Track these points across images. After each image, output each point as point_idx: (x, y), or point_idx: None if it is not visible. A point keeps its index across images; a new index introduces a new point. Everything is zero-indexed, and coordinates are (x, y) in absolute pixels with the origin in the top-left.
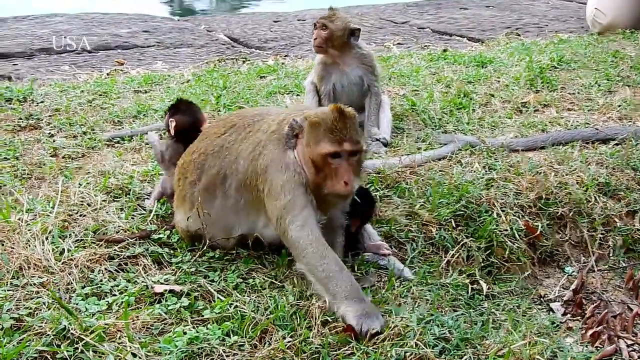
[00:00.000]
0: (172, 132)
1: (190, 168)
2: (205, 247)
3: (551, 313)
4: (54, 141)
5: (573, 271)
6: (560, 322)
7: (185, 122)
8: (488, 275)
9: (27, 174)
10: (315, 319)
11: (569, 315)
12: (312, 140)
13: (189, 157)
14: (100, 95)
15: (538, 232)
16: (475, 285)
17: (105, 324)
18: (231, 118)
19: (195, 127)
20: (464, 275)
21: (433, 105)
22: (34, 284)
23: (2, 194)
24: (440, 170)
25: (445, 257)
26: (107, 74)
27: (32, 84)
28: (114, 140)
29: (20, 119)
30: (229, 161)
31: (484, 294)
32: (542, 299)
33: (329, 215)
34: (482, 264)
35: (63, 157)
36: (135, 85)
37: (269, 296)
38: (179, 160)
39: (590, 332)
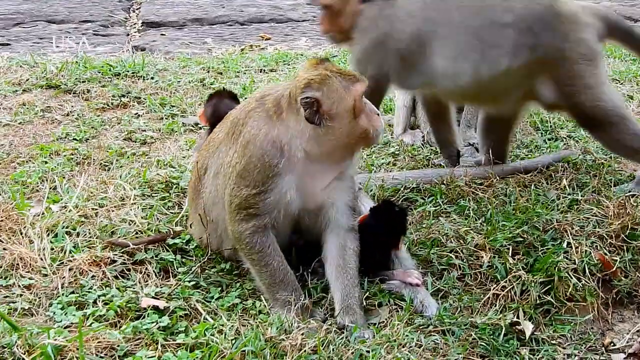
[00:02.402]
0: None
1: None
2: (206, 258)
3: None
4: (135, 123)
5: None
6: None
7: (215, 114)
8: (544, 316)
9: (83, 159)
10: (286, 356)
11: None
12: (337, 95)
13: None
14: (219, 73)
15: (615, 268)
16: (520, 327)
17: (60, 343)
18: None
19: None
20: (506, 313)
21: None
22: (19, 286)
23: (43, 181)
24: (519, 186)
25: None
26: (241, 50)
27: (144, 58)
28: (199, 126)
29: (114, 96)
30: (211, 151)
31: (527, 338)
32: (604, 347)
33: (333, 215)
34: (538, 302)
35: (134, 141)
36: (262, 63)
37: (252, 325)
38: None
39: None
